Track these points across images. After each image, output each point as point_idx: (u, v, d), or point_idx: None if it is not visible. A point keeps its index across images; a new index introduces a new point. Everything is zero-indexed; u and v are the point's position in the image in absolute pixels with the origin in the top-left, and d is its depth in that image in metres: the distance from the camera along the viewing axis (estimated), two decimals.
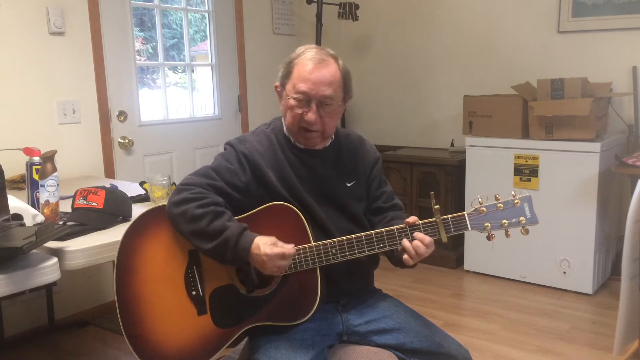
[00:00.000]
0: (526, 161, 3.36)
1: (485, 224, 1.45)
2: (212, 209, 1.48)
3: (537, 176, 3.34)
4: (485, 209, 1.45)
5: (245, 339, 1.65)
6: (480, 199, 1.47)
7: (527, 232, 1.45)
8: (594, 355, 2.65)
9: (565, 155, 3.23)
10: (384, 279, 1.92)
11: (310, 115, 1.54)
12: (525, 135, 3.39)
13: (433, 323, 1.65)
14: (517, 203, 1.45)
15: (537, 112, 3.24)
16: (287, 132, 1.64)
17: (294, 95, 1.54)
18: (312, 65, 1.53)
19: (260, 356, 1.50)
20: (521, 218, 1.45)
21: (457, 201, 3.78)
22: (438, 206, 1.46)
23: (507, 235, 1.47)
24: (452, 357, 1.57)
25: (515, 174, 3.41)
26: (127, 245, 1.54)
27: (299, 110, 1.55)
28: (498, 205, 1.45)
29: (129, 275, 1.53)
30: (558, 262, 3.34)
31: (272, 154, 1.60)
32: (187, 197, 1.50)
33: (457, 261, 3.80)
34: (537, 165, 3.33)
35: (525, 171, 3.38)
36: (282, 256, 1.44)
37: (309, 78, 1.52)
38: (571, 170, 3.22)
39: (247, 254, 1.45)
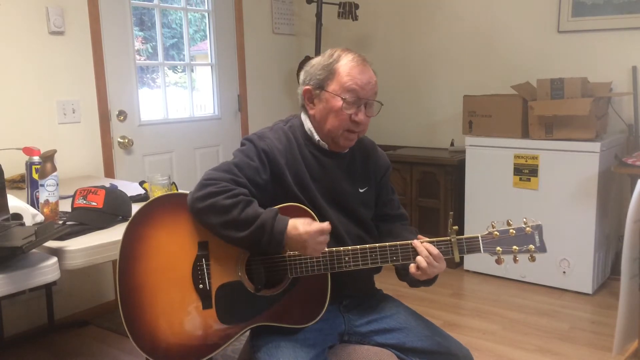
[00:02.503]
0: (526, 161, 3.36)
1: (497, 248, 1.49)
2: (241, 199, 1.47)
3: (536, 176, 3.34)
4: (498, 234, 1.49)
5: (246, 338, 1.65)
6: (493, 223, 1.51)
7: (534, 259, 1.49)
8: (593, 355, 2.65)
9: (565, 155, 3.23)
10: (384, 279, 1.92)
11: (361, 116, 1.55)
12: (525, 135, 3.39)
13: (433, 323, 1.66)
14: (529, 231, 1.49)
15: (537, 112, 3.24)
16: (324, 135, 1.62)
17: (345, 96, 1.54)
18: (358, 66, 1.55)
19: (262, 355, 1.50)
20: (531, 246, 1.49)
21: (457, 201, 3.77)
22: (456, 227, 1.49)
23: (515, 260, 1.51)
24: (453, 356, 1.57)
25: (515, 174, 3.41)
26: (133, 232, 1.51)
27: (349, 111, 1.55)
28: (510, 231, 1.50)
29: (134, 264, 1.50)
30: (558, 262, 3.34)
31: (289, 153, 1.59)
32: (213, 190, 1.47)
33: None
34: (537, 165, 3.33)
35: (525, 171, 3.38)
36: (322, 231, 1.44)
37: (360, 78, 1.54)
38: (571, 170, 3.22)
39: (283, 236, 1.44)
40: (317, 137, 1.62)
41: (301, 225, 1.44)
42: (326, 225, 1.45)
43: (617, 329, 2.14)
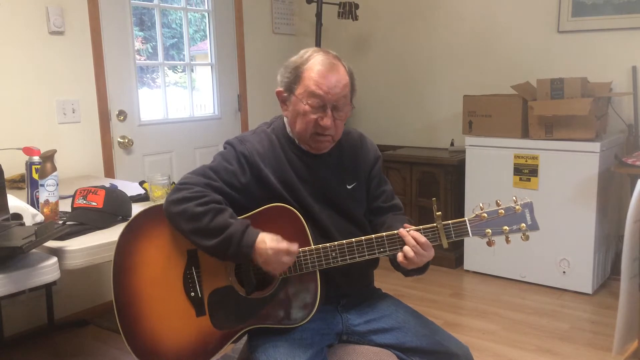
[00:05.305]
0: (526, 161, 3.36)
1: (487, 230, 1.44)
2: (212, 207, 1.47)
3: (536, 176, 3.34)
4: (486, 215, 1.45)
5: (245, 338, 1.65)
6: (481, 205, 1.46)
7: (527, 238, 1.45)
8: (593, 355, 2.65)
9: (565, 155, 3.23)
10: (384, 279, 1.92)
11: (327, 120, 1.52)
12: (525, 135, 3.39)
13: (433, 322, 1.65)
14: (519, 209, 1.44)
15: (536, 111, 3.24)
16: (296, 138, 1.61)
17: (309, 101, 1.51)
18: (324, 70, 1.51)
19: (258, 355, 1.50)
20: (522, 224, 1.44)
21: (456, 201, 3.78)
22: (440, 212, 1.45)
23: (507, 241, 1.47)
24: (452, 355, 1.56)
25: (515, 174, 3.41)
26: (124, 246, 1.53)
27: (314, 116, 1.52)
28: (499, 211, 1.45)
29: (126, 277, 1.53)
30: (557, 261, 3.34)
31: (272, 155, 1.59)
32: (186, 195, 1.49)
33: (457, 261, 3.80)
34: (537, 165, 3.33)
35: (525, 171, 3.38)
36: (287, 252, 1.44)
37: (323, 82, 1.50)
38: (571, 170, 3.22)
39: (251, 249, 1.44)
40: (301, 144, 1.61)
41: (269, 241, 1.44)
42: (294, 247, 1.45)
43: (617, 329, 2.15)
